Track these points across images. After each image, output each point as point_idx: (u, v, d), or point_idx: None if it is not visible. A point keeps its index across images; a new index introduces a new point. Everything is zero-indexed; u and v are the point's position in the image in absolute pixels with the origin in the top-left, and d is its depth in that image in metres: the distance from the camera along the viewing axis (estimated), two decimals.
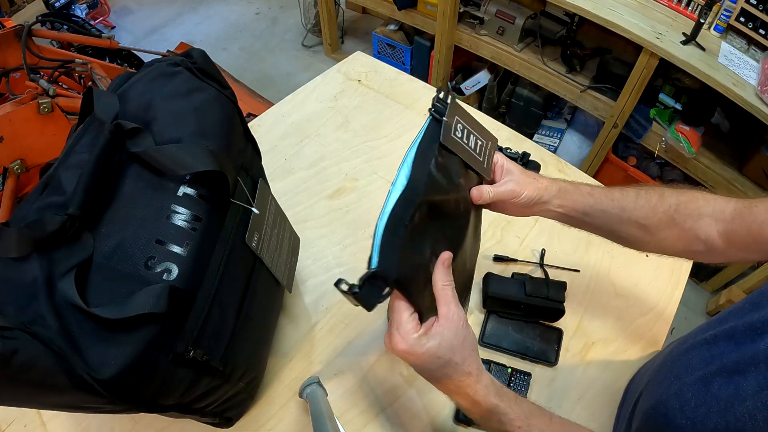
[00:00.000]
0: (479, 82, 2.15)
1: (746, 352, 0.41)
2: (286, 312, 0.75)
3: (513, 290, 0.73)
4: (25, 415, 0.65)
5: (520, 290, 0.72)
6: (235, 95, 0.59)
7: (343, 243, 0.84)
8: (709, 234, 0.54)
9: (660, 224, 0.56)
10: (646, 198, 0.57)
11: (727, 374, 0.42)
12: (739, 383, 0.40)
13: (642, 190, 0.58)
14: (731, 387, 0.40)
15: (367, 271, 0.43)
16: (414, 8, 2.06)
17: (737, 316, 0.46)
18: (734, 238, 0.53)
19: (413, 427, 0.65)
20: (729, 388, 0.40)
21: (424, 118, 0.55)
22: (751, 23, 1.45)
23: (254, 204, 0.56)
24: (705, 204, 0.55)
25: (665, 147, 1.63)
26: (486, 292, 0.74)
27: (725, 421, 0.39)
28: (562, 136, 2.01)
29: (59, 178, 0.45)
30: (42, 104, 1.25)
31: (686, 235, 0.56)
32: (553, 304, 0.71)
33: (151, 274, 0.42)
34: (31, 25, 1.44)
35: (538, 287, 0.72)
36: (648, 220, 0.56)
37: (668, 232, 0.56)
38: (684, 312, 1.76)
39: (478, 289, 0.77)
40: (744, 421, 0.38)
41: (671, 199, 0.56)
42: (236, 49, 2.69)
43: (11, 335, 0.36)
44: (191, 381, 0.46)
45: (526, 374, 0.69)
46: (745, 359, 0.41)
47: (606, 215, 0.58)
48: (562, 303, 0.71)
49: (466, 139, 0.55)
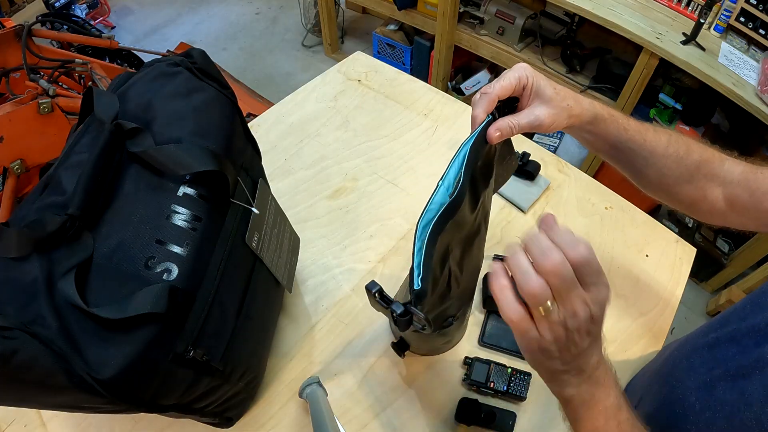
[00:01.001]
0: (479, 82, 2.15)
1: (750, 355, 0.41)
2: (286, 312, 0.75)
3: None
4: (25, 415, 0.65)
5: None
6: (235, 95, 0.59)
7: (343, 243, 0.84)
8: (716, 195, 0.55)
9: (680, 177, 0.56)
10: (675, 147, 0.56)
11: (731, 378, 0.41)
12: (744, 388, 0.39)
13: (672, 138, 0.56)
14: (736, 391, 0.40)
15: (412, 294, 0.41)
16: (414, 8, 2.06)
17: (739, 318, 0.45)
18: (736, 202, 0.53)
19: (413, 427, 0.65)
20: (734, 393, 0.40)
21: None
22: (751, 23, 1.45)
23: (254, 204, 0.56)
24: (719, 165, 0.55)
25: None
26: (486, 292, 0.74)
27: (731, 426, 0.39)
28: (562, 136, 2.01)
29: (59, 178, 0.45)
30: (42, 104, 1.25)
31: (697, 193, 0.56)
32: None
33: (151, 274, 0.42)
34: (31, 25, 1.44)
35: None
36: (671, 171, 0.56)
37: (684, 186, 0.56)
38: (684, 312, 1.76)
39: (478, 289, 0.77)
40: (751, 426, 0.37)
41: (695, 155, 0.55)
42: (236, 49, 2.69)
43: (11, 335, 0.36)
44: (191, 381, 0.46)
45: (526, 374, 0.69)
46: (750, 363, 0.40)
47: (633, 154, 0.57)
48: None
49: None
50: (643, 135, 0.56)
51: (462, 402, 0.65)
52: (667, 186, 0.57)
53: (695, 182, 0.56)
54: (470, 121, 0.50)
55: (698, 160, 0.55)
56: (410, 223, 0.86)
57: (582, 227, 0.87)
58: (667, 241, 0.86)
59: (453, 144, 0.98)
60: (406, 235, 0.85)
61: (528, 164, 0.91)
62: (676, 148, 0.56)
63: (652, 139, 0.56)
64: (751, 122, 1.40)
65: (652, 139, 0.56)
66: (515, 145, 1.00)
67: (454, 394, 0.68)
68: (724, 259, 1.73)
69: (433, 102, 1.06)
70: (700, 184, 0.56)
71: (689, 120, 1.61)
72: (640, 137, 0.56)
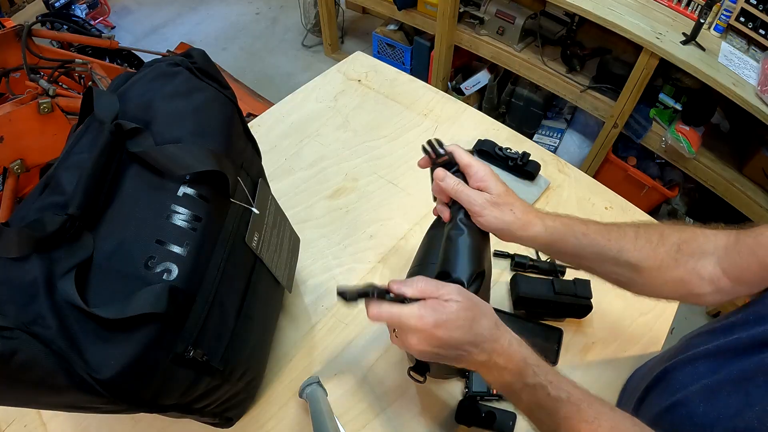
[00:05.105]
0: (479, 82, 2.15)
1: (753, 360, 0.41)
2: (286, 312, 0.75)
3: (543, 289, 0.73)
4: (25, 415, 0.65)
5: (549, 289, 0.73)
6: (235, 95, 0.59)
7: (343, 243, 0.84)
8: (713, 273, 0.50)
9: (661, 266, 0.52)
10: (647, 238, 0.52)
11: (734, 383, 0.42)
12: (748, 390, 0.40)
13: (641, 229, 0.53)
14: (741, 393, 0.40)
15: None
16: (414, 8, 2.06)
17: (742, 328, 0.46)
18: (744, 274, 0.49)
19: (413, 427, 0.65)
20: (738, 395, 0.41)
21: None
22: (751, 23, 1.45)
23: (254, 204, 0.56)
24: (706, 241, 0.51)
25: (665, 147, 1.63)
26: (516, 292, 0.75)
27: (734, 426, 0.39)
28: (562, 136, 2.01)
29: (59, 178, 0.45)
30: (42, 104, 1.25)
31: (689, 277, 0.51)
32: (583, 300, 0.72)
33: (151, 274, 0.42)
34: (31, 25, 1.44)
35: (566, 286, 0.73)
36: (648, 262, 0.52)
37: (670, 274, 0.52)
38: (684, 312, 1.75)
39: (506, 290, 0.78)
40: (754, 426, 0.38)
41: (673, 238, 0.52)
42: (236, 49, 2.69)
43: (11, 335, 0.36)
44: (191, 381, 0.46)
45: None
46: (752, 368, 0.41)
47: (600, 258, 0.53)
48: (589, 299, 0.72)
49: None
50: (606, 235, 0.53)
51: (462, 403, 0.65)
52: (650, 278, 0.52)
53: (681, 266, 0.51)
54: None
55: (677, 242, 0.52)
56: (410, 223, 0.86)
57: None
58: None
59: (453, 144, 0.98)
60: (406, 235, 0.85)
61: (528, 164, 0.91)
62: (647, 238, 0.52)
63: (617, 236, 0.53)
64: (751, 122, 1.40)
65: (617, 237, 0.53)
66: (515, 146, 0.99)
67: (455, 394, 0.68)
68: None
69: (433, 102, 1.06)
70: (689, 266, 0.51)
71: (689, 120, 1.61)
72: (603, 239, 0.53)
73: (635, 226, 0.54)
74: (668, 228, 0.53)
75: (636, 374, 0.68)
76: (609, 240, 0.53)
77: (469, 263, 0.50)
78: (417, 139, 0.99)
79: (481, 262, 0.52)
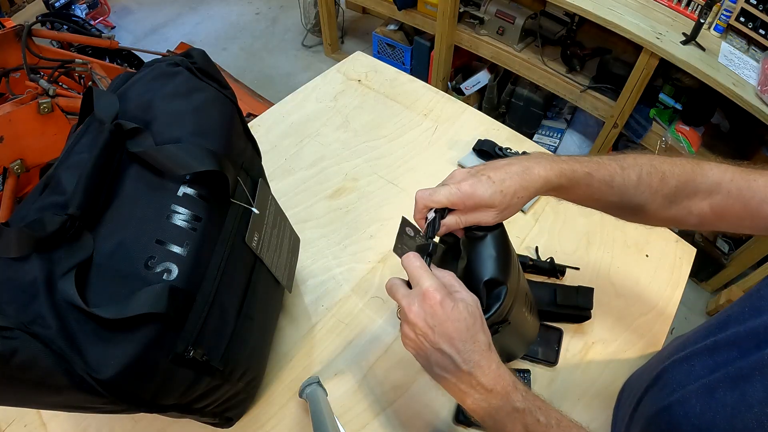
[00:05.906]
0: (479, 82, 2.15)
1: (750, 358, 0.41)
2: (286, 312, 0.75)
3: (544, 297, 0.74)
4: (25, 415, 0.65)
5: (551, 297, 0.73)
6: (235, 95, 0.59)
7: (343, 243, 0.84)
8: (702, 209, 0.55)
9: (659, 207, 0.56)
10: (648, 183, 0.55)
11: (731, 381, 0.42)
12: (745, 389, 0.40)
13: (644, 172, 0.55)
14: (737, 393, 0.40)
15: None
16: (414, 8, 2.06)
17: (738, 321, 0.45)
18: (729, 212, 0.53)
19: (413, 427, 0.65)
20: (735, 395, 0.40)
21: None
22: (751, 23, 1.45)
23: (254, 204, 0.56)
24: (702, 180, 0.54)
25: (665, 147, 1.63)
26: None
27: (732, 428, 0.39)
28: (562, 136, 2.01)
29: (59, 178, 0.45)
30: (42, 104, 1.25)
31: (680, 213, 0.56)
32: (584, 312, 0.73)
33: (151, 274, 0.42)
34: (31, 25, 1.44)
35: (568, 295, 0.73)
36: (647, 205, 0.56)
37: (664, 214, 0.56)
38: (684, 312, 1.76)
39: None
40: (752, 427, 0.38)
41: (672, 181, 0.54)
42: (236, 49, 2.69)
43: (11, 335, 0.36)
44: (191, 381, 0.46)
45: (525, 371, 0.70)
46: (750, 366, 0.40)
47: (602, 202, 0.57)
48: (589, 310, 0.73)
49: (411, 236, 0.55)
50: (609, 182, 0.54)
51: None
52: (648, 218, 0.57)
53: (677, 204, 0.55)
54: None
55: (676, 185, 0.54)
56: None
57: (582, 227, 0.87)
58: (667, 241, 0.86)
59: (453, 144, 0.98)
60: None
61: None
62: (648, 183, 0.54)
63: (620, 182, 0.54)
64: (751, 122, 1.40)
65: (620, 183, 0.54)
66: (515, 146, 0.99)
67: None
68: (724, 259, 1.73)
69: (433, 102, 1.06)
70: (682, 204, 0.55)
71: (689, 120, 1.61)
72: (606, 186, 0.54)
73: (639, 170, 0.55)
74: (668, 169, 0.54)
75: (635, 374, 0.68)
76: (612, 187, 0.54)
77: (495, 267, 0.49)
78: (417, 139, 0.99)
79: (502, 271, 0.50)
